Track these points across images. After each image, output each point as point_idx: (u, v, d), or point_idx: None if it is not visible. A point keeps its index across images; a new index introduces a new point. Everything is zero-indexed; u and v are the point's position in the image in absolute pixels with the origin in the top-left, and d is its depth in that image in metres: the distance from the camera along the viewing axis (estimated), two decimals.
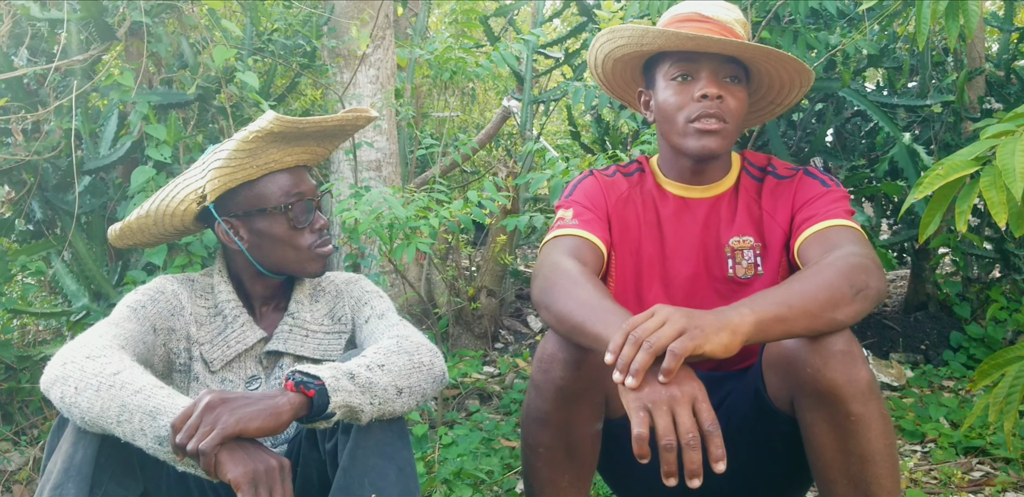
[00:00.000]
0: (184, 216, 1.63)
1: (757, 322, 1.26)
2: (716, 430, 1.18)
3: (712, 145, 1.61)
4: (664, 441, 1.16)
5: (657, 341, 1.19)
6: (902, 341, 3.73)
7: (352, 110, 1.67)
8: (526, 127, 4.27)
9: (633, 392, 1.19)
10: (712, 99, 1.60)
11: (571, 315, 1.37)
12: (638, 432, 1.17)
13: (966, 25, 1.98)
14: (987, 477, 2.44)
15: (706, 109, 1.60)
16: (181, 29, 3.02)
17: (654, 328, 1.21)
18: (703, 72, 1.62)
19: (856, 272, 1.37)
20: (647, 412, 1.18)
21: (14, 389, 2.74)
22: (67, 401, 1.30)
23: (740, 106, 1.64)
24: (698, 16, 1.66)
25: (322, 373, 1.30)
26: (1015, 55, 3.92)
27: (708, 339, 1.21)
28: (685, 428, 1.16)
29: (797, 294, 1.32)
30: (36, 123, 2.90)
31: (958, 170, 1.74)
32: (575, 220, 1.68)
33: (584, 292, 1.40)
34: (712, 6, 1.68)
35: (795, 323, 1.30)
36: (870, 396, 1.34)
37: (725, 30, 1.65)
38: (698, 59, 1.62)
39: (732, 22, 1.66)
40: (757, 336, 1.27)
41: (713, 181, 1.74)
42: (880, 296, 1.40)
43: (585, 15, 4.34)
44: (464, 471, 2.36)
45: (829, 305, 1.32)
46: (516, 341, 3.93)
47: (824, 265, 1.40)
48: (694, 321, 1.22)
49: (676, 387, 1.19)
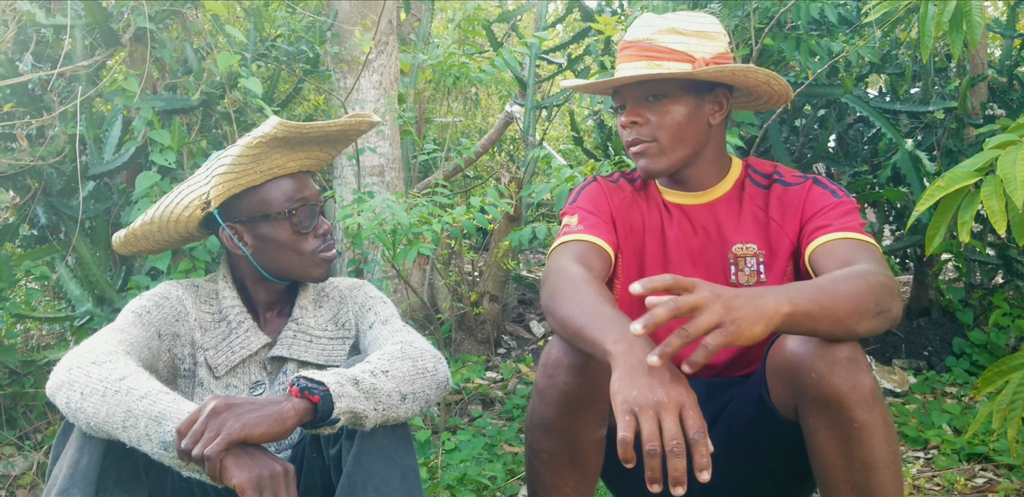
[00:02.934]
0: (188, 222, 1.63)
1: (791, 314, 1.25)
2: (702, 438, 1.16)
3: (645, 164, 1.70)
4: (648, 446, 1.15)
5: (694, 332, 1.16)
6: (905, 347, 3.73)
7: (356, 115, 1.67)
8: (528, 132, 4.28)
9: (621, 395, 1.19)
10: (626, 127, 1.69)
11: (572, 320, 1.37)
12: (623, 436, 1.16)
13: (970, 36, 1.99)
14: (990, 484, 2.44)
15: (627, 136, 1.70)
16: (185, 35, 3.04)
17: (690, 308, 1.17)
18: (627, 101, 1.70)
19: (883, 291, 1.37)
20: (633, 416, 1.17)
21: (18, 394, 2.74)
22: (73, 406, 1.30)
23: (669, 120, 1.67)
24: (624, 43, 1.72)
25: (326, 379, 1.31)
26: (1018, 61, 3.93)
27: (742, 334, 1.19)
28: (670, 434, 1.15)
29: (829, 296, 1.31)
30: (41, 128, 2.91)
31: (960, 181, 1.74)
32: (580, 225, 1.69)
33: (585, 298, 1.40)
34: (636, 26, 1.71)
35: (821, 323, 1.29)
36: (874, 403, 1.34)
37: (644, 50, 1.66)
38: (620, 90, 1.71)
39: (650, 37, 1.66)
40: (785, 327, 1.26)
41: (703, 187, 1.75)
42: (896, 320, 1.40)
43: (588, 20, 4.36)
44: (467, 477, 2.36)
45: (855, 315, 1.32)
46: (519, 346, 3.93)
47: (855, 275, 1.39)
48: (731, 314, 1.19)
49: (664, 392, 1.17)
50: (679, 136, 1.67)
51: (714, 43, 1.67)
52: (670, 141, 1.66)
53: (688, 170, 1.72)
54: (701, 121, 1.69)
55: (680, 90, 1.66)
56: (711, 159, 1.74)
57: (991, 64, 3.96)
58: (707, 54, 1.65)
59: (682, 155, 1.68)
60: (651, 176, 1.71)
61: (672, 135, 1.66)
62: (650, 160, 1.68)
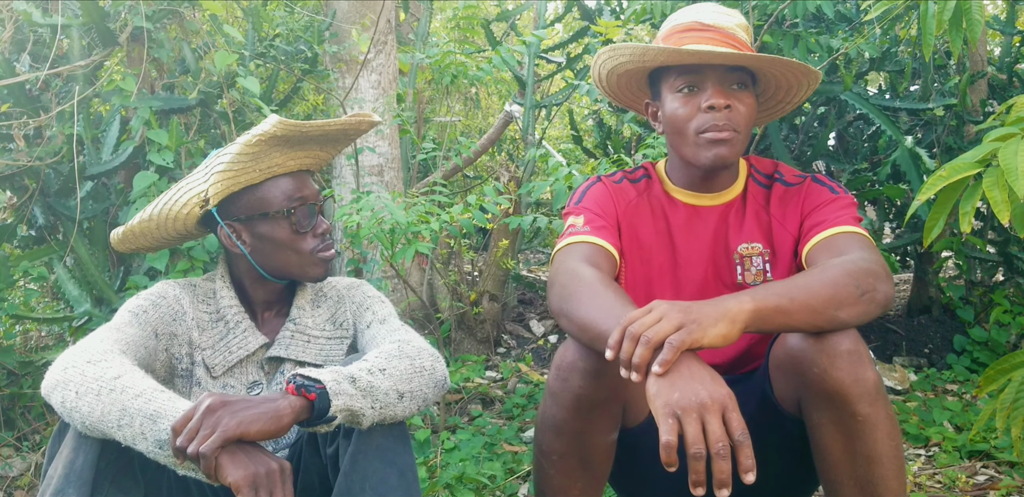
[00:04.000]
0: (187, 220, 1.62)
1: (756, 310, 1.27)
2: (746, 439, 1.16)
3: (724, 154, 1.61)
4: (693, 449, 1.14)
5: (655, 336, 1.20)
6: (906, 345, 3.72)
7: (356, 115, 1.67)
8: (528, 132, 4.27)
9: (662, 398, 1.18)
10: (720, 109, 1.59)
11: (595, 324, 1.35)
12: (667, 440, 1.15)
13: (969, 34, 1.98)
14: (992, 481, 2.43)
15: (715, 120, 1.59)
16: (183, 34, 3.03)
17: (651, 323, 1.22)
18: (708, 82, 1.61)
19: (863, 275, 1.37)
20: (676, 419, 1.16)
21: (16, 395, 2.73)
22: (68, 406, 1.29)
23: (749, 112, 1.63)
24: (699, 25, 1.64)
25: (323, 377, 1.30)
26: (1017, 58, 3.92)
27: (706, 332, 1.22)
28: (715, 437, 1.14)
29: (800, 288, 1.33)
30: (38, 128, 2.90)
31: (961, 172, 1.74)
32: (587, 227, 1.67)
33: (606, 300, 1.38)
34: (712, 13, 1.67)
35: (796, 316, 1.31)
36: (877, 397, 1.34)
37: (727, 37, 1.64)
38: (702, 70, 1.61)
39: (734, 28, 1.65)
40: (755, 325, 1.28)
41: (723, 189, 1.73)
42: (887, 301, 1.40)
43: (587, 19, 4.35)
44: (466, 475, 2.35)
45: (833, 303, 1.32)
46: (518, 346, 3.93)
47: (831, 265, 1.41)
48: (691, 315, 1.23)
49: (707, 394, 1.17)
50: (749, 130, 1.66)
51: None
52: (745, 133, 1.64)
53: (724, 171, 1.71)
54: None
55: (751, 85, 1.66)
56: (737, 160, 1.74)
57: (991, 61, 3.95)
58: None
59: (743, 150, 1.66)
60: (721, 166, 1.65)
61: (748, 127, 1.64)
62: (731, 149, 1.61)
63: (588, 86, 3.14)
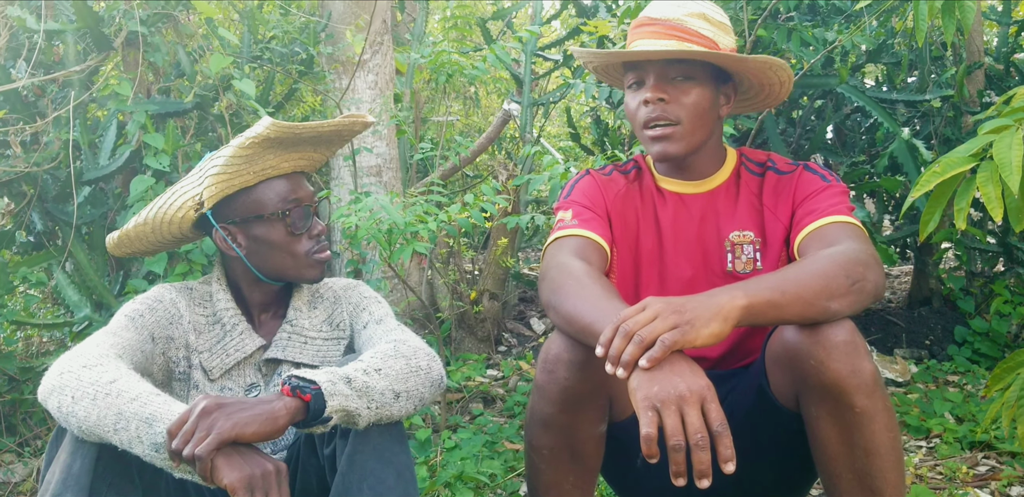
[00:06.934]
0: (182, 223, 1.63)
1: (748, 306, 1.28)
2: (725, 430, 1.17)
3: (668, 149, 1.65)
4: (673, 441, 1.16)
5: (649, 335, 1.21)
6: (906, 337, 3.72)
7: (349, 116, 1.67)
8: (526, 130, 4.27)
9: (642, 391, 1.19)
10: (652, 103, 1.63)
11: (581, 316, 1.37)
12: (647, 432, 1.17)
13: (963, 21, 1.98)
14: (993, 472, 2.43)
15: (650, 113, 1.63)
16: (178, 38, 3.03)
17: (645, 321, 1.23)
18: (649, 77, 1.65)
19: (853, 264, 1.38)
20: (656, 412, 1.18)
21: (17, 400, 2.74)
22: (64, 410, 1.30)
23: (695, 102, 1.64)
24: (647, 20, 1.68)
25: (318, 377, 1.30)
26: (1014, 48, 3.91)
27: (699, 334, 1.23)
28: (694, 428, 1.16)
29: (792, 281, 1.34)
30: (35, 134, 2.91)
31: (955, 167, 1.74)
32: (575, 220, 1.68)
33: (592, 293, 1.40)
34: (662, 6, 1.69)
35: (787, 309, 1.31)
36: (874, 388, 1.34)
37: (671, 29, 1.64)
38: (643, 65, 1.65)
39: (681, 18, 1.65)
40: (748, 320, 1.29)
41: (705, 176, 1.74)
42: (878, 290, 1.40)
43: (583, 16, 4.34)
44: (465, 474, 2.35)
45: (823, 294, 1.33)
46: (519, 344, 3.93)
47: (821, 256, 1.42)
48: (685, 316, 1.23)
49: (685, 386, 1.18)
50: (700, 121, 1.66)
51: (729, 37, 1.70)
52: (691, 124, 1.64)
53: (693, 158, 1.71)
54: (715, 110, 1.69)
55: (704, 76, 1.66)
56: (713, 149, 1.74)
57: (987, 52, 3.95)
58: (726, 46, 1.67)
59: (697, 141, 1.67)
60: (666, 160, 1.68)
61: (694, 118, 1.65)
62: (670, 143, 1.64)
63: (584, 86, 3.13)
